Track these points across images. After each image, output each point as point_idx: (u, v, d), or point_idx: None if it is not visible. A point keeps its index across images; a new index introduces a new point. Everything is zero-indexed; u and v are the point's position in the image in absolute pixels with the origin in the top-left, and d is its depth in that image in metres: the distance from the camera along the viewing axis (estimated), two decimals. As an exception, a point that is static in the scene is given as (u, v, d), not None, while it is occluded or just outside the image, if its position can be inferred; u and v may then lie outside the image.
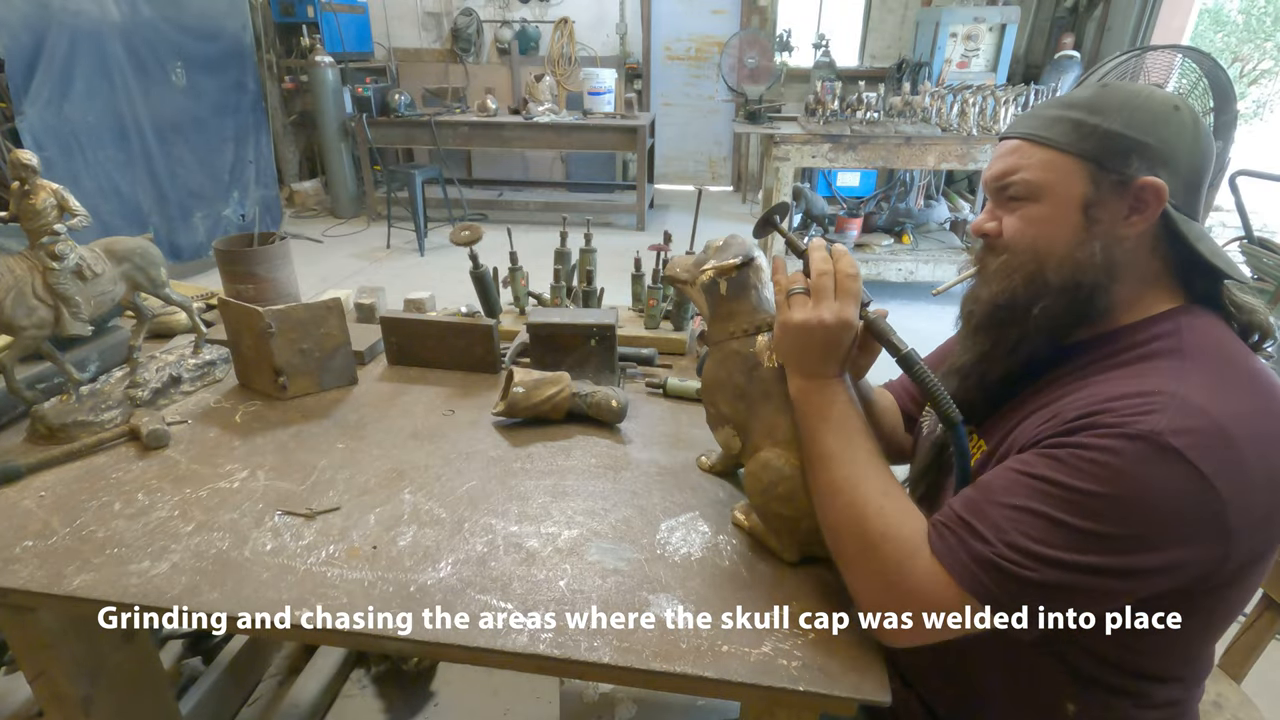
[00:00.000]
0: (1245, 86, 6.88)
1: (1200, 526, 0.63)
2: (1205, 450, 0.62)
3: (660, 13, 6.80)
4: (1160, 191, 0.71)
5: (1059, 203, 0.74)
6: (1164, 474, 0.62)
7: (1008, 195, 0.78)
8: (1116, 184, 0.72)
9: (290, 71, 6.24)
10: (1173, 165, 0.71)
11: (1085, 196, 0.73)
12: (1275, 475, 0.64)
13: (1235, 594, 0.72)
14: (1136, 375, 0.70)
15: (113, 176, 4.12)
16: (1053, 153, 0.74)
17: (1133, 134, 0.71)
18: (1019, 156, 0.77)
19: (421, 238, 5.26)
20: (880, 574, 0.73)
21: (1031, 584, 0.65)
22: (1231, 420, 0.63)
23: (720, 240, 0.96)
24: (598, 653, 0.77)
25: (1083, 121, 0.73)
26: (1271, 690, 1.66)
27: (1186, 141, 0.72)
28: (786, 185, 4.19)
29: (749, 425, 0.93)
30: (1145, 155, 0.71)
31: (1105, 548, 0.64)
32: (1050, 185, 0.75)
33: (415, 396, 1.33)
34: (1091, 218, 0.73)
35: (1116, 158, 0.71)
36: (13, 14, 3.52)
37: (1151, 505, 0.63)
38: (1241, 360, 0.70)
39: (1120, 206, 0.72)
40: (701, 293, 0.95)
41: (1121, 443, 0.63)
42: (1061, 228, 0.74)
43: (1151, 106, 0.72)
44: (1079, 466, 0.65)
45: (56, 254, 1.09)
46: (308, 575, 0.88)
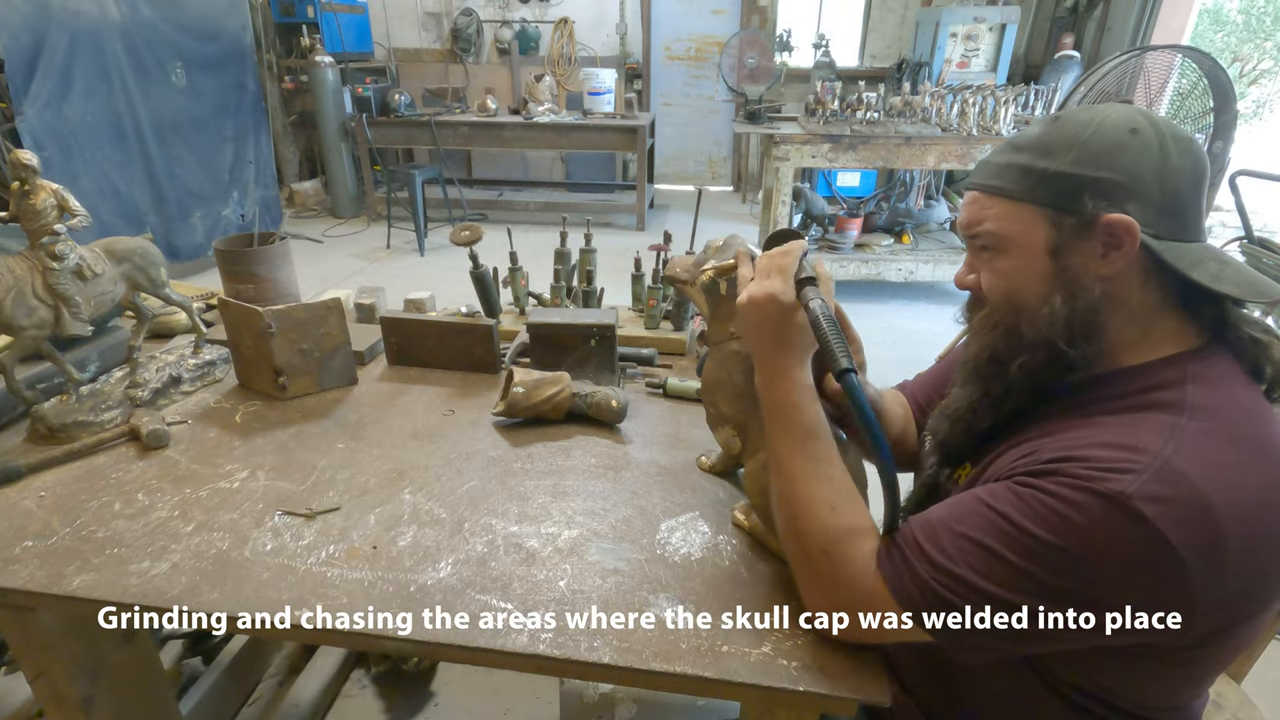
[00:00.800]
0: (1245, 86, 6.88)
1: (1158, 596, 0.60)
2: (1177, 522, 0.58)
3: (660, 13, 6.81)
4: (1129, 227, 0.66)
5: (1024, 252, 0.72)
6: (1126, 538, 0.59)
7: (979, 245, 0.77)
8: (1078, 225, 0.68)
9: (290, 71, 6.24)
10: (1141, 194, 0.67)
11: (1049, 242, 0.70)
12: (1257, 550, 0.60)
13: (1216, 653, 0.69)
14: (1127, 426, 0.66)
15: (112, 176, 4.12)
16: (1007, 202, 0.72)
17: (1083, 171, 0.68)
18: (979, 207, 0.75)
19: (421, 238, 5.26)
20: (821, 586, 0.76)
21: (969, 616, 0.65)
22: (1216, 491, 0.59)
23: (720, 240, 0.96)
24: (598, 653, 0.77)
25: (1030, 167, 0.70)
26: (1271, 690, 1.66)
27: (1152, 164, 0.67)
28: (786, 185, 4.19)
29: (748, 425, 0.93)
30: (1101, 191, 0.67)
31: (1048, 596, 0.62)
32: (1013, 235, 0.72)
33: (415, 396, 1.33)
34: (1062, 264, 0.70)
35: (1069, 199, 0.68)
36: (13, 14, 3.52)
37: (1105, 567, 0.60)
38: (1248, 419, 0.65)
39: (1092, 246, 0.69)
40: (701, 293, 0.96)
41: (1086, 498, 0.61)
42: (1031, 277, 0.72)
43: (1104, 135, 0.68)
44: (1039, 512, 0.63)
45: (56, 254, 1.09)
46: (308, 575, 0.88)
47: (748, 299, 0.80)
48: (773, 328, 0.79)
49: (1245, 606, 0.64)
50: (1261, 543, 0.61)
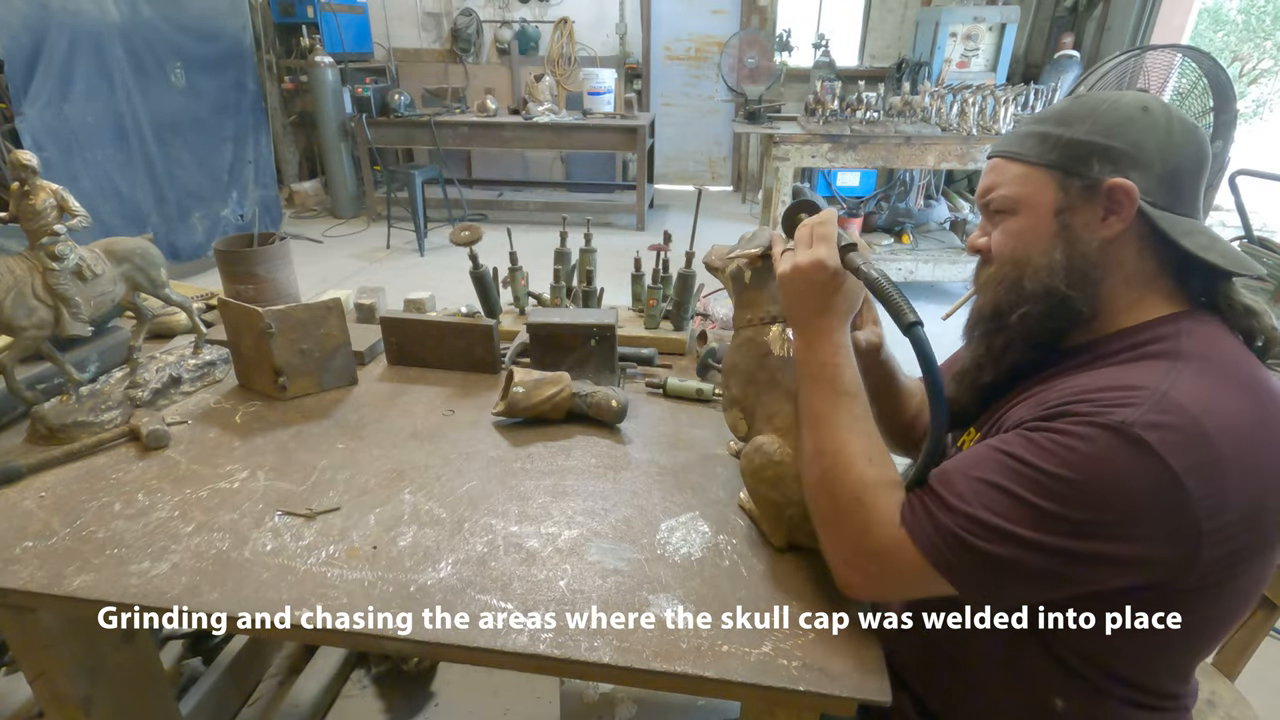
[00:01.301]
0: (1245, 86, 6.88)
1: (1164, 522, 0.63)
2: (1177, 447, 0.62)
3: (660, 13, 6.80)
4: (1129, 191, 0.72)
5: (1033, 213, 0.78)
6: (1130, 466, 0.62)
7: (991, 210, 0.83)
8: (1084, 189, 0.74)
9: (290, 72, 6.24)
10: (1144, 164, 0.73)
11: (1056, 204, 0.76)
12: (1254, 480, 0.64)
13: (1216, 603, 0.71)
14: (1125, 370, 0.70)
15: (112, 177, 4.12)
16: (1024, 166, 0.78)
17: (1095, 139, 0.74)
18: (997, 174, 0.81)
19: (421, 238, 5.26)
20: (850, 535, 0.76)
21: (987, 556, 0.67)
22: (1213, 420, 0.63)
23: (752, 233, 0.99)
24: (598, 653, 0.77)
25: (1049, 134, 0.77)
26: (1266, 688, 1.66)
27: (1158, 139, 0.73)
28: (786, 185, 4.19)
29: (754, 410, 0.96)
30: (1109, 157, 0.73)
31: (1062, 530, 0.64)
32: (1024, 197, 0.78)
33: (415, 396, 1.33)
34: (1064, 223, 0.76)
35: (1079, 163, 0.74)
36: (13, 14, 3.51)
37: (1114, 495, 0.63)
38: (1240, 365, 0.70)
39: (1094, 210, 0.74)
40: (730, 280, 0.99)
41: (1092, 430, 0.64)
42: (1037, 236, 0.77)
43: (1118, 110, 0.74)
44: (1049, 449, 0.66)
45: (56, 254, 1.09)
46: (308, 575, 0.88)
47: (792, 268, 0.82)
48: (818, 294, 0.81)
49: (1246, 539, 0.65)
50: (1257, 472, 0.64)
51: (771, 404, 0.93)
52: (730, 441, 1.15)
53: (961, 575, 0.69)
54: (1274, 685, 1.76)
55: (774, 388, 0.93)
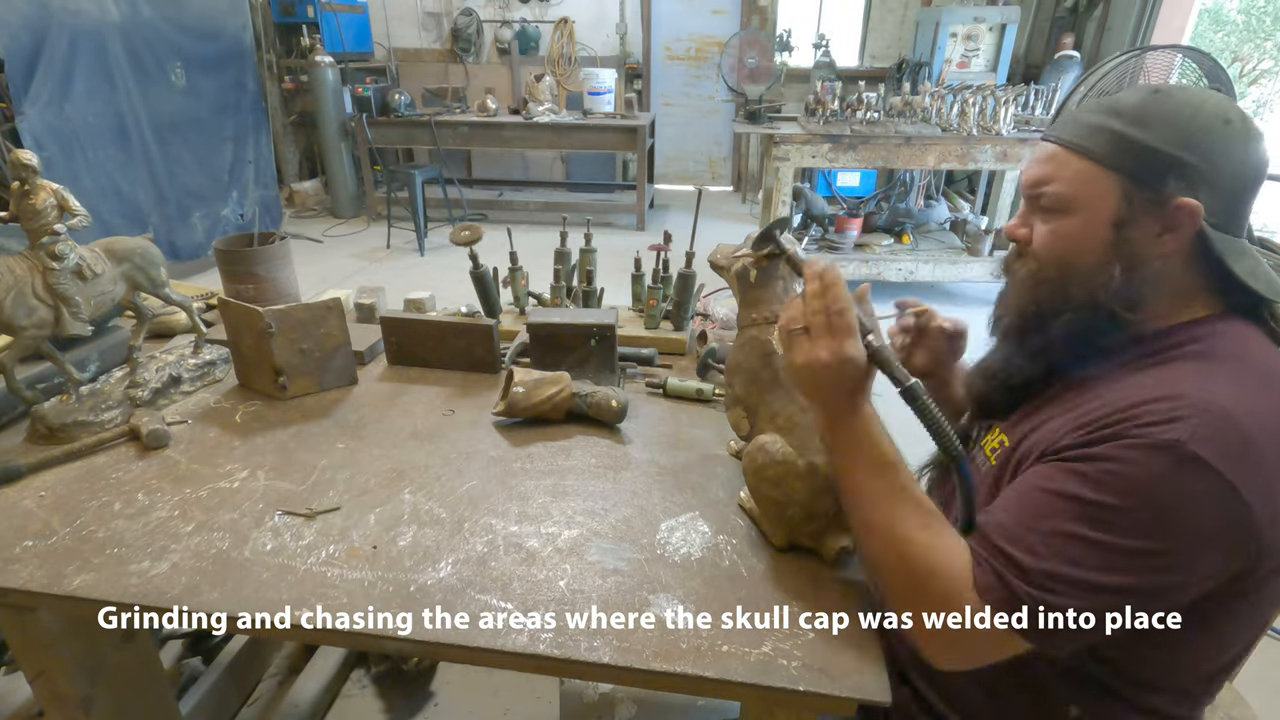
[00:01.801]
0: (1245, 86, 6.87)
1: (1230, 534, 0.63)
2: (1229, 457, 0.61)
3: (660, 13, 6.80)
4: (1195, 213, 0.69)
5: (1090, 218, 0.73)
6: (1191, 484, 0.61)
7: (1041, 204, 0.78)
8: (1151, 202, 0.70)
9: (290, 71, 6.24)
10: (1214, 181, 0.69)
11: (1117, 214, 0.72)
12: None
13: (1250, 610, 0.71)
14: (1160, 378, 0.69)
15: (112, 176, 4.12)
16: (1089, 164, 0.73)
17: (1175, 151, 0.69)
18: (1055, 165, 0.76)
19: (421, 238, 5.26)
20: (927, 609, 0.71)
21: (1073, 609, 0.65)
22: (1249, 419, 0.63)
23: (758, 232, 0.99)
24: (598, 653, 0.77)
25: (1124, 134, 0.71)
26: (1265, 688, 1.66)
27: (1235, 158, 0.70)
28: (786, 185, 4.19)
29: (757, 409, 0.96)
30: (1184, 174, 0.69)
31: (1142, 566, 0.63)
32: (1083, 199, 0.73)
33: (415, 396, 1.33)
34: (1121, 236, 0.72)
35: (1154, 174, 0.70)
36: (13, 14, 3.51)
37: (1181, 516, 0.62)
38: (1270, 363, 0.69)
39: (1153, 225, 0.71)
40: (735, 279, 0.99)
41: (1144, 454, 0.63)
42: (1090, 244, 0.73)
43: (1201, 120, 0.69)
44: (1105, 481, 0.64)
45: (56, 254, 1.09)
46: (308, 575, 0.88)
47: (819, 363, 0.73)
48: (842, 382, 0.74)
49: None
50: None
51: (775, 403, 0.93)
52: (730, 441, 1.15)
53: (1049, 635, 0.66)
54: (1273, 685, 1.76)
55: (777, 387, 0.94)
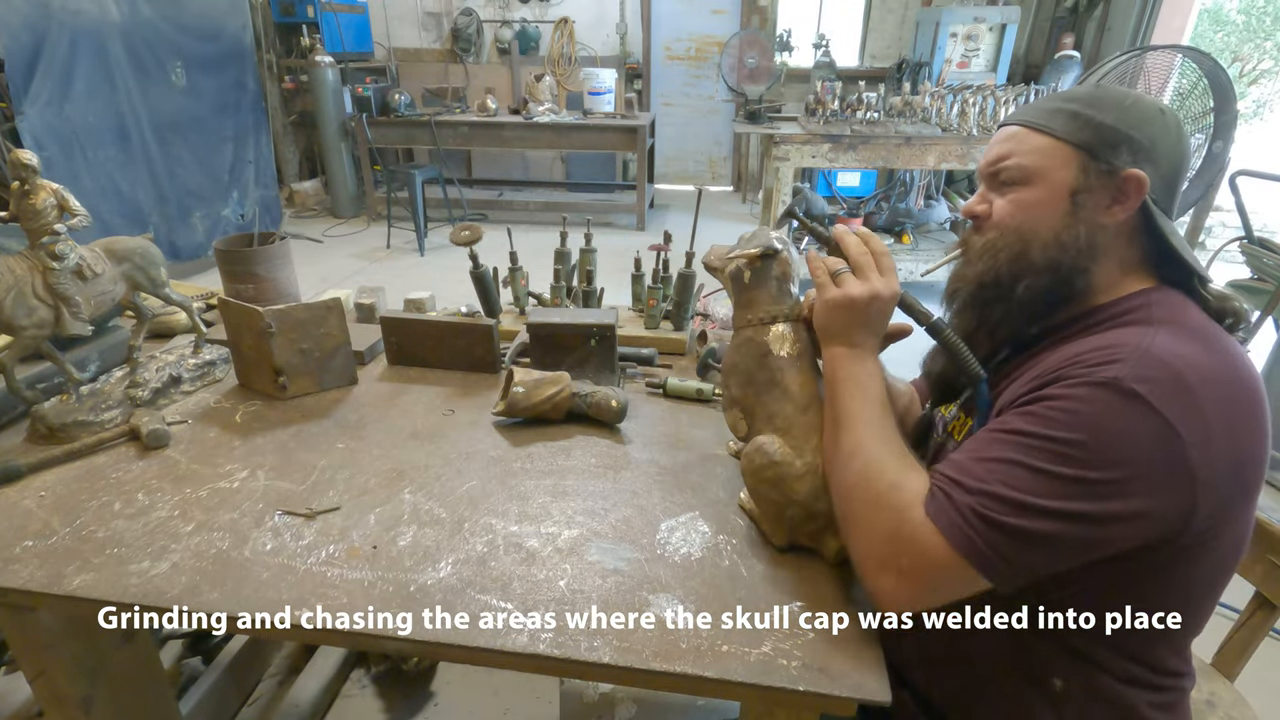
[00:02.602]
0: (1245, 86, 6.88)
1: (1167, 470, 0.66)
2: (1165, 396, 0.65)
3: (660, 13, 6.80)
4: (1142, 183, 0.75)
5: (1049, 187, 0.79)
6: (1129, 417, 0.66)
7: (1000, 179, 0.83)
8: (1104, 173, 0.77)
9: (290, 71, 6.24)
10: (1156, 161, 0.77)
11: (1074, 183, 0.78)
12: (1233, 425, 0.68)
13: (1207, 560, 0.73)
14: (1105, 336, 0.75)
15: (113, 176, 4.12)
16: (1049, 140, 0.79)
17: (1124, 128, 0.77)
18: (1015, 143, 0.82)
19: (421, 238, 5.26)
20: (882, 528, 0.75)
21: (1014, 532, 0.68)
22: (1189, 370, 0.67)
23: (751, 233, 0.99)
24: (598, 653, 0.77)
25: (1079, 113, 0.78)
26: (1265, 688, 1.66)
27: (1170, 141, 0.78)
28: (786, 185, 4.19)
29: (754, 410, 0.96)
30: (1133, 149, 0.76)
31: (1082, 493, 0.66)
32: (1043, 170, 0.79)
33: (415, 396, 1.33)
34: (1077, 203, 0.78)
35: (1108, 148, 0.77)
36: (13, 14, 3.51)
37: (1120, 447, 0.66)
38: (1206, 329, 0.74)
39: (1104, 196, 0.77)
40: (729, 280, 0.99)
41: (1087, 389, 0.68)
42: (1048, 211, 0.79)
43: (1141, 106, 0.78)
44: (1050, 416, 0.69)
45: (56, 254, 1.09)
46: (308, 575, 0.88)
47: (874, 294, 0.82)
48: (879, 320, 0.84)
49: (1230, 488, 0.69)
50: (1235, 421, 0.68)
51: (772, 404, 0.93)
52: (730, 441, 1.15)
53: (987, 556, 0.69)
54: (1274, 686, 1.76)
55: (774, 388, 0.93)
